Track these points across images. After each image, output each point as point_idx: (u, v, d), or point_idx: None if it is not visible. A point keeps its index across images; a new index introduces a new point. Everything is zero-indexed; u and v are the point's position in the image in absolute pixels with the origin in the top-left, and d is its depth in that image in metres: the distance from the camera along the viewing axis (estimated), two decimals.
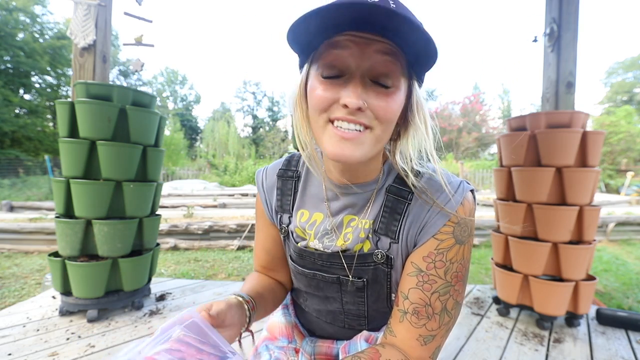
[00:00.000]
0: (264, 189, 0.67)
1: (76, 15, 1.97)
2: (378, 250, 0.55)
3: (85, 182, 1.72)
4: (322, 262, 0.59)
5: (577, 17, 2.00)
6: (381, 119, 0.46)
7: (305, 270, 0.62)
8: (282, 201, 0.65)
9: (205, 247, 4.27)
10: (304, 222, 0.62)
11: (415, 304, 0.51)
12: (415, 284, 0.52)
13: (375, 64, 0.44)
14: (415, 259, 0.53)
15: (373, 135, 0.46)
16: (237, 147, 24.61)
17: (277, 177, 0.65)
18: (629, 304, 2.53)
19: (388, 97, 0.45)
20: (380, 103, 0.45)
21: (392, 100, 0.45)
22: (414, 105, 0.50)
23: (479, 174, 16.25)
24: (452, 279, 0.51)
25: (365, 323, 0.63)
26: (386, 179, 0.57)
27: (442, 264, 0.51)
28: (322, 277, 0.60)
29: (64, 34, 16.19)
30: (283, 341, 0.75)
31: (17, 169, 13.07)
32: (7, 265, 3.41)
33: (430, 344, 0.51)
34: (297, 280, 0.67)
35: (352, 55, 0.44)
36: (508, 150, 1.94)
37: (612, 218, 5.28)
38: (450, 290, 0.51)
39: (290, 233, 0.64)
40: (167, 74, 33.44)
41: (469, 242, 0.54)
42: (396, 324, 0.53)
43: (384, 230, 0.55)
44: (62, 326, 1.70)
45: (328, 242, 0.59)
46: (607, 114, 17.60)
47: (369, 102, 0.45)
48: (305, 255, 0.61)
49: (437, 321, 0.51)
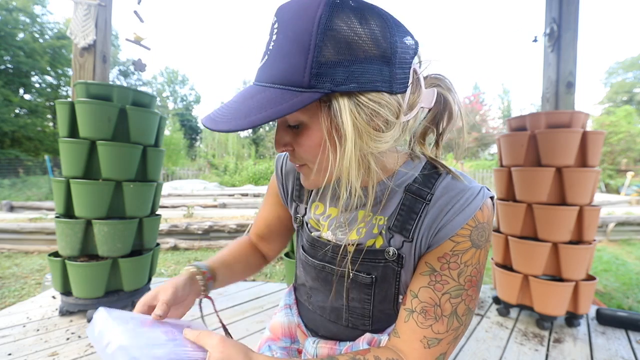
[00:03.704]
0: (282, 174, 0.70)
1: (76, 15, 1.98)
2: (390, 247, 0.55)
3: (85, 182, 1.72)
4: (333, 254, 0.59)
5: (577, 17, 2.00)
6: (305, 159, 0.49)
7: (315, 262, 0.63)
8: (300, 192, 0.67)
9: (205, 247, 4.27)
10: (319, 214, 0.63)
11: (424, 302, 0.50)
12: (427, 282, 0.51)
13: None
14: (429, 259, 0.52)
15: (312, 168, 0.49)
16: (237, 147, 24.63)
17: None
18: (629, 304, 2.53)
19: (299, 136, 0.47)
20: (297, 145, 0.48)
21: (303, 138, 0.47)
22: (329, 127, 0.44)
23: (479, 174, 16.26)
24: (465, 282, 0.50)
25: (370, 323, 0.63)
26: (403, 178, 0.56)
27: (457, 265, 0.50)
28: (331, 269, 0.60)
29: (64, 34, 16.20)
30: (286, 341, 0.75)
31: (17, 169, 13.08)
32: (7, 265, 3.41)
33: (435, 348, 0.49)
34: (305, 273, 0.67)
35: None
36: (508, 150, 1.94)
37: (612, 218, 5.28)
38: (462, 294, 0.50)
39: (305, 224, 0.66)
40: (167, 74, 33.46)
41: (486, 247, 0.52)
42: (401, 324, 0.52)
43: (399, 228, 0.54)
44: (62, 326, 1.70)
45: (341, 234, 0.59)
46: (607, 114, 17.61)
47: (291, 144, 0.49)
48: (317, 245, 0.62)
49: (445, 324, 0.49)
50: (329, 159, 0.46)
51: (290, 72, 0.41)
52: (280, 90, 0.41)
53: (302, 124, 0.46)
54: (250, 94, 0.44)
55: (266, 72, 0.43)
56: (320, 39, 0.39)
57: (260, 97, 0.42)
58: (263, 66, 0.44)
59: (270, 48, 0.43)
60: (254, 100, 0.42)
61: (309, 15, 0.40)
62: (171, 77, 33.56)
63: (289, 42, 0.41)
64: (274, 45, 0.42)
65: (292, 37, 0.41)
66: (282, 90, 0.41)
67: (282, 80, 0.41)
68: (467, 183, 0.52)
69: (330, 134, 0.44)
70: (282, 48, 0.41)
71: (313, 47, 0.39)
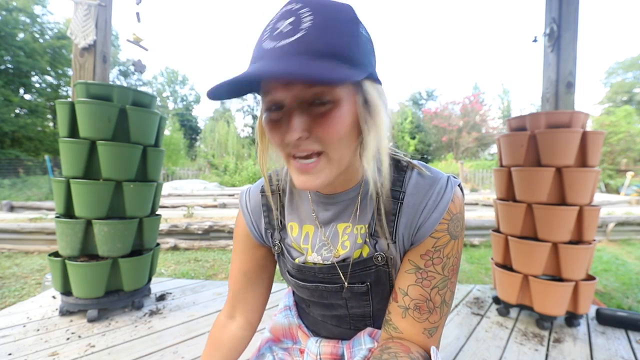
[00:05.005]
0: (249, 212, 0.65)
1: (76, 15, 1.98)
2: (377, 252, 0.56)
3: (85, 182, 1.72)
4: (323, 274, 0.59)
5: (577, 17, 2.00)
6: (328, 141, 0.45)
7: (307, 284, 0.62)
8: (269, 217, 0.63)
9: (205, 247, 4.27)
10: (295, 236, 0.61)
11: (416, 300, 0.53)
12: (415, 280, 0.53)
13: (302, 91, 0.43)
14: (412, 257, 0.54)
15: (328, 159, 0.46)
16: (237, 147, 24.60)
17: (261, 195, 0.64)
18: (628, 304, 2.53)
19: (327, 117, 0.44)
20: (322, 127, 0.44)
21: (332, 118, 0.44)
22: (362, 109, 0.47)
23: (479, 174, 16.27)
24: (448, 272, 0.54)
25: (371, 322, 0.64)
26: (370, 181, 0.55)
27: (440, 260, 0.53)
28: (325, 287, 0.60)
29: (64, 34, 16.20)
30: (287, 342, 0.76)
31: (17, 169, 13.07)
32: (7, 265, 3.41)
33: (435, 334, 0.54)
34: (299, 292, 0.66)
35: (280, 90, 0.44)
36: (508, 150, 1.94)
37: (612, 218, 5.28)
38: (447, 284, 0.54)
39: (285, 249, 0.63)
40: (167, 74, 33.43)
41: (462, 235, 0.55)
42: (399, 320, 0.54)
43: (381, 232, 0.55)
44: (62, 326, 1.70)
45: (326, 253, 0.59)
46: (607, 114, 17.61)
47: (310, 127, 0.44)
48: (304, 270, 0.60)
49: (438, 313, 0.53)
50: (349, 145, 0.48)
51: (343, 49, 0.42)
52: (334, 62, 0.41)
53: (336, 102, 0.44)
54: (299, 60, 0.40)
55: (309, 46, 0.41)
56: (361, 28, 0.46)
57: (316, 64, 0.40)
58: (299, 40, 0.41)
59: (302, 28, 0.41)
60: (314, 64, 0.40)
61: (347, 10, 0.45)
62: (171, 77, 33.53)
63: (336, 23, 0.43)
64: (312, 25, 0.41)
65: (335, 19, 0.43)
66: (336, 62, 0.41)
67: (335, 54, 0.42)
68: (435, 174, 0.54)
69: (361, 116, 0.47)
70: (328, 28, 0.42)
71: (357, 33, 0.44)
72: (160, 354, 1.48)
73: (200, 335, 1.66)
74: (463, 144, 24.27)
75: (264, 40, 0.44)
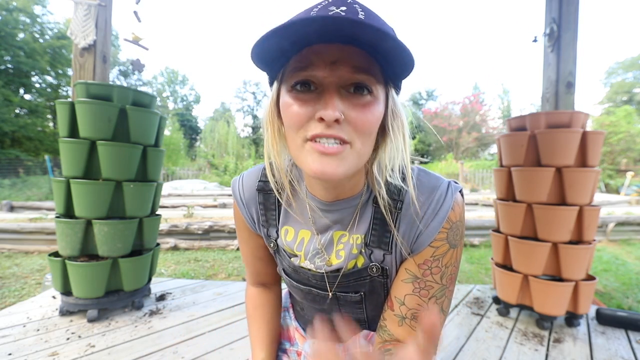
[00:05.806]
0: (243, 203, 0.62)
1: (76, 15, 1.98)
2: (373, 263, 0.54)
3: (85, 182, 1.72)
4: (317, 281, 0.58)
5: (577, 17, 2.00)
6: (360, 132, 0.43)
7: (300, 286, 0.61)
8: (266, 216, 0.61)
9: (205, 247, 4.27)
10: (290, 241, 0.59)
11: (413, 309, 0.52)
12: (412, 290, 0.52)
13: (348, 73, 0.41)
14: (409, 266, 0.53)
15: (354, 150, 0.43)
16: (237, 147, 24.58)
17: (256, 191, 0.61)
18: (628, 304, 2.52)
19: (365, 107, 0.42)
20: (358, 115, 0.42)
21: (370, 110, 0.43)
22: (389, 115, 0.47)
23: (479, 174, 16.27)
24: (447, 281, 0.52)
25: (366, 326, 0.64)
26: (371, 191, 0.54)
27: (438, 269, 0.51)
28: (318, 293, 0.59)
29: (64, 34, 16.20)
30: (285, 344, 0.76)
31: (17, 169, 13.07)
32: (7, 265, 3.41)
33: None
34: (293, 292, 0.65)
35: (324, 67, 0.41)
36: (508, 150, 1.94)
37: (612, 218, 5.28)
38: (445, 292, 0.52)
39: (282, 249, 0.62)
40: (167, 74, 33.44)
41: (461, 244, 0.54)
42: (396, 328, 0.53)
43: (377, 242, 0.54)
44: (62, 326, 1.70)
45: (319, 262, 0.57)
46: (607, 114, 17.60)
47: (346, 114, 0.42)
48: (300, 271, 0.59)
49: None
50: (371, 144, 0.47)
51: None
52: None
53: (375, 97, 0.43)
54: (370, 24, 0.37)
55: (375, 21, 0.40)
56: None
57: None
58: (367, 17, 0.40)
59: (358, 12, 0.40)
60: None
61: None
62: (171, 77, 33.54)
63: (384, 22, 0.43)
64: (366, 16, 0.40)
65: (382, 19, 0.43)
66: None
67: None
68: (434, 182, 0.52)
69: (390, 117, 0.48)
70: (379, 20, 0.42)
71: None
72: (160, 354, 1.48)
73: (200, 335, 1.66)
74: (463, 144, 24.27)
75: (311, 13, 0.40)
